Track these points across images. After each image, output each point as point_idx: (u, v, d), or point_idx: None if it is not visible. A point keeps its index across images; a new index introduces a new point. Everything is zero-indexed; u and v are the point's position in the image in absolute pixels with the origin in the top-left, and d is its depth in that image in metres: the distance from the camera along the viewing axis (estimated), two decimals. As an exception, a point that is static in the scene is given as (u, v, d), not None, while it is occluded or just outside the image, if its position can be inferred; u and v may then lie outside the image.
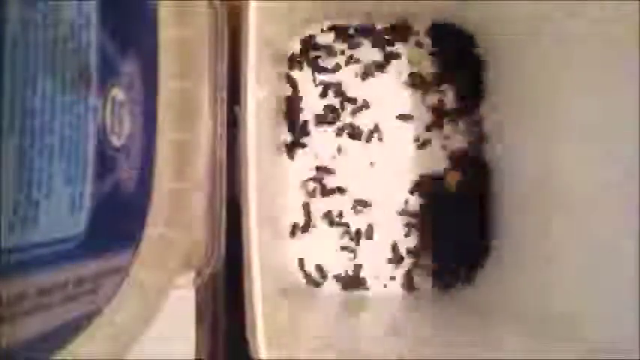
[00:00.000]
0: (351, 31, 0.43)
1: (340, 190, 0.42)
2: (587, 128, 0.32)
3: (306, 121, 0.42)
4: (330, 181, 0.42)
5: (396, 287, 0.42)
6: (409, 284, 0.42)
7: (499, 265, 0.40)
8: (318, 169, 0.42)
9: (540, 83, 0.36)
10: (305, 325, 0.35)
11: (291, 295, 0.39)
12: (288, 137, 0.42)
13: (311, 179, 0.42)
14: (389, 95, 0.43)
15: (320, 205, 0.42)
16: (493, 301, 0.39)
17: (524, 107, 0.38)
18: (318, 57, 0.42)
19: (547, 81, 0.35)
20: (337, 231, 0.42)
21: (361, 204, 0.42)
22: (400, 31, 0.43)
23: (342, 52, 0.43)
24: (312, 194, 0.42)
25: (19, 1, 0.15)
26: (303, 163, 0.42)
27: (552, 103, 0.35)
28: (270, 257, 0.34)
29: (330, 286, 0.41)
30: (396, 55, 0.43)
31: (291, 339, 0.29)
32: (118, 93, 0.21)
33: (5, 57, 0.14)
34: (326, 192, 0.42)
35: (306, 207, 0.42)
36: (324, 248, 0.42)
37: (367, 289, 0.42)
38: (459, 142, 0.43)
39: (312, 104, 0.42)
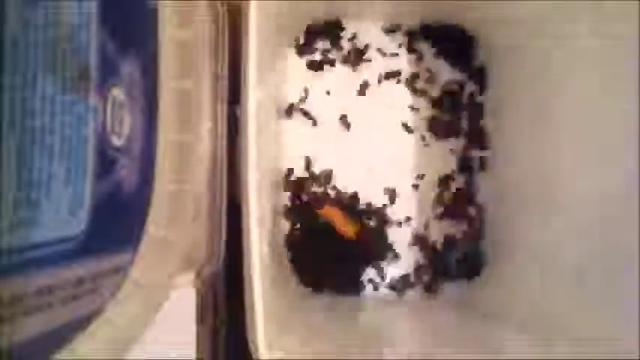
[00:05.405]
0: (351, 31, 0.43)
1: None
2: (588, 128, 0.32)
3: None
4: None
5: (397, 288, 0.42)
6: (410, 286, 0.42)
7: (499, 267, 0.40)
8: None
9: (540, 83, 0.36)
10: (304, 324, 0.35)
11: (290, 294, 0.39)
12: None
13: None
14: (389, 95, 0.43)
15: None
16: (493, 302, 0.39)
17: (525, 107, 0.38)
18: (319, 55, 0.43)
19: (547, 81, 0.35)
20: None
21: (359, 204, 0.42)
22: (400, 30, 0.43)
23: (342, 51, 0.43)
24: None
25: (19, 1, 0.15)
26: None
27: (552, 103, 0.35)
28: (269, 256, 0.34)
29: (331, 288, 0.41)
30: (396, 55, 0.43)
31: (290, 339, 0.29)
32: (118, 93, 0.21)
33: (5, 57, 0.14)
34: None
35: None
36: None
37: (367, 290, 0.42)
38: (459, 141, 0.43)
39: (311, 103, 0.42)
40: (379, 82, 0.43)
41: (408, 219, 0.42)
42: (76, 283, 0.19)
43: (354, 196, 0.42)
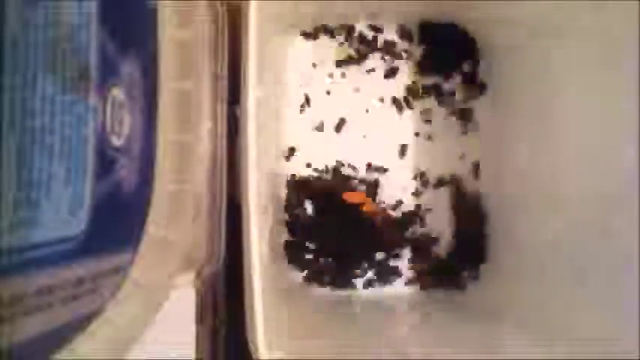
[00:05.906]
0: (351, 31, 0.43)
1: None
2: (587, 128, 0.32)
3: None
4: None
5: (396, 288, 0.42)
6: (409, 285, 0.42)
7: (499, 266, 0.40)
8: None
9: (540, 83, 0.36)
10: (304, 324, 0.35)
11: (290, 294, 0.39)
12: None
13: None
14: (387, 96, 0.43)
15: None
16: (493, 301, 0.39)
17: (525, 107, 0.38)
18: (318, 55, 0.43)
19: (547, 81, 0.35)
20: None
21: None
22: (400, 30, 0.43)
23: (342, 51, 0.43)
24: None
25: (19, 1, 0.15)
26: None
27: (552, 103, 0.35)
28: (270, 257, 0.34)
29: (330, 286, 0.41)
30: (397, 55, 0.43)
31: (290, 339, 0.29)
32: (118, 93, 0.21)
33: (5, 57, 0.14)
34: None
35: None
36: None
37: (367, 289, 0.42)
38: (458, 142, 0.43)
39: (311, 104, 0.42)
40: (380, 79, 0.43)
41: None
42: (76, 283, 0.19)
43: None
